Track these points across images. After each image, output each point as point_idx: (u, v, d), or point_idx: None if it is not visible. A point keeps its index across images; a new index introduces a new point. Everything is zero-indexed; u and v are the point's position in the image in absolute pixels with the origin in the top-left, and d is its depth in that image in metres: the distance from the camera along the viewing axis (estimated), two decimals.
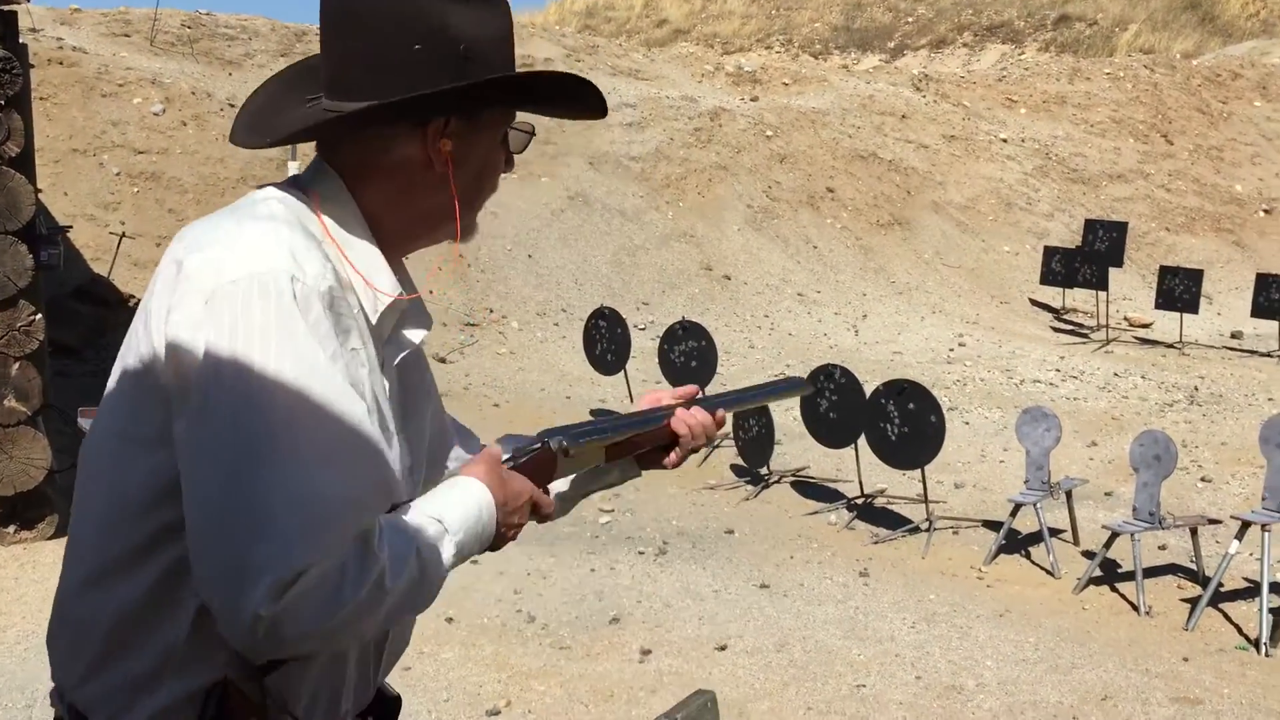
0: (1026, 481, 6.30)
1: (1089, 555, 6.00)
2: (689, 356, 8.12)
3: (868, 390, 6.81)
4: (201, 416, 1.13)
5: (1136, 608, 5.47)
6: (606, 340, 8.55)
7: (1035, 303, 13.85)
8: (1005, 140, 17.21)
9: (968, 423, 8.94)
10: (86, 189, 10.64)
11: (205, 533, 1.13)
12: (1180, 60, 21.39)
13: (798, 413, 7.35)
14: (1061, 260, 13.21)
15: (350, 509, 1.15)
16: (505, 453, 1.42)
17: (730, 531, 6.42)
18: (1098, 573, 5.81)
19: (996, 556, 6.15)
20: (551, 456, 1.44)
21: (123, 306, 9.44)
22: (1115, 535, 5.69)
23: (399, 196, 1.32)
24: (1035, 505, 6.11)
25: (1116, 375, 10.48)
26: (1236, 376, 10.57)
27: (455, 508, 1.30)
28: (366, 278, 1.28)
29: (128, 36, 13.22)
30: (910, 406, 6.43)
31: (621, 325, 8.49)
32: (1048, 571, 5.97)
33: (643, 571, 5.69)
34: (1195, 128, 18.85)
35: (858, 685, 4.49)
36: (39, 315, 5.48)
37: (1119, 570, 5.91)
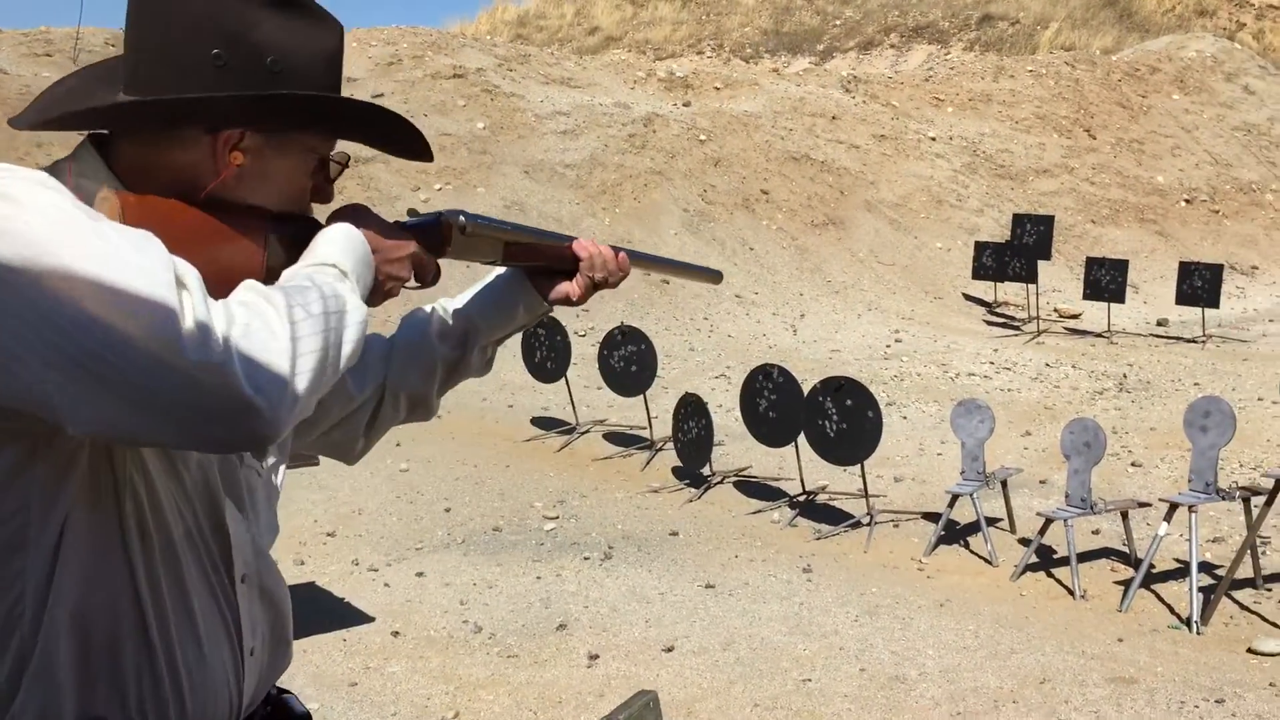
0: (963, 473, 6.42)
1: (1025, 543, 6.13)
2: (629, 361, 8.16)
3: (806, 389, 6.90)
4: None
5: (1072, 592, 5.59)
6: (546, 348, 8.56)
7: (968, 297, 14.09)
8: (934, 139, 17.49)
9: (905, 417, 9.07)
10: None
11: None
12: (1100, 56, 21.88)
13: (738, 413, 7.42)
14: (992, 255, 13.47)
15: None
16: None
17: (675, 533, 6.46)
18: (1034, 559, 5.94)
19: (936, 548, 6.26)
20: (448, 228, 1.41)
21: None
22: (1049, 522, 5.82)
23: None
24: (972, 496, 6.23)
25: (1048, 365, 10.70)
26: (1163, 363, 10.85)
27: (323, 244, 1.24)
28: None
29: (49, 56, 12.99)
30: (848, 403, 6.52)
31: (560, 332, 8.50)
32: (986, 560, 6.08)
33: (588, 577, 5.71)
34: (1117, 121, 19.30)
35: (803, 680, 4.55)
36: None
37: (1054, 556, 6.04)
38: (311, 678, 4.48)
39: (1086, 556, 6.06)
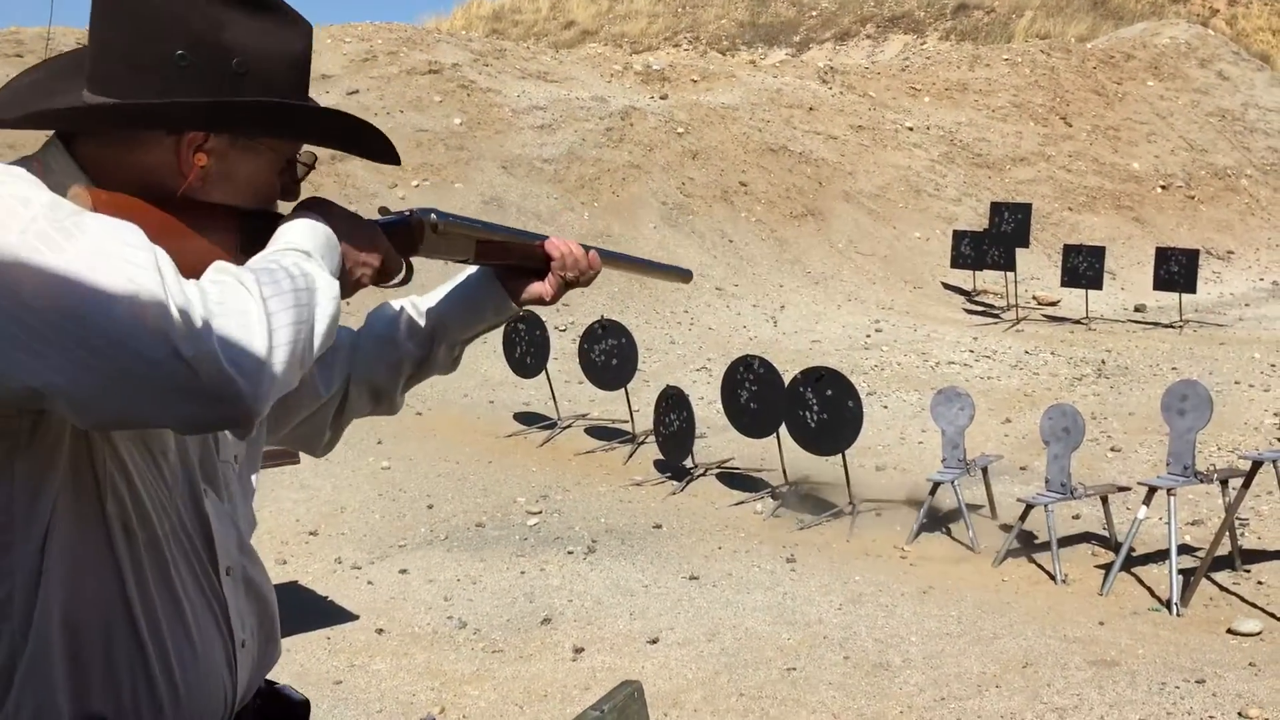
0: (944, 460, 6.45)
1: (1007, 529, 6.16)
2: (609, 355, 8.16)
3: (787, 380, 6.91)
4: None
5: (1053, 576, 5.63)
6: (525, 343, 8.55)
7: (947, 286, 14.14)
8: (911, 129, 17.54)
9: (886, 406, 9.11)
10: None
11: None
12: (1075, 44, 21.97)
13: (719, 405, 7.43)
14: (970, 243, 13.52)
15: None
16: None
17: (658, 526, 6.47)
18: (1015, 545, 5.98)
19: (918, 535, 6.29)
20: (419, 225, 1.41)
21: None
22: (1030, 508, 5.85)
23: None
24: (953, 483, 6.26)
25: (1027, 353, 10.75)
26: (1141, 348, 10.91)
27: (285, 232, 1.23)
28: None
29: (20, 57, 12.86)
30: (828, 393, 6.54)
31: (540, 327, 8.49)
32: (968, 547, 6.11)
33: (572, 571, 5.72)
34: (1092, 109, 19.39)
35: (788, 669, 4.57)
36: None
37: (1035, 541, 6.08)
38: (296, 677, 4.47)
39: (1067, 541, 6.10)
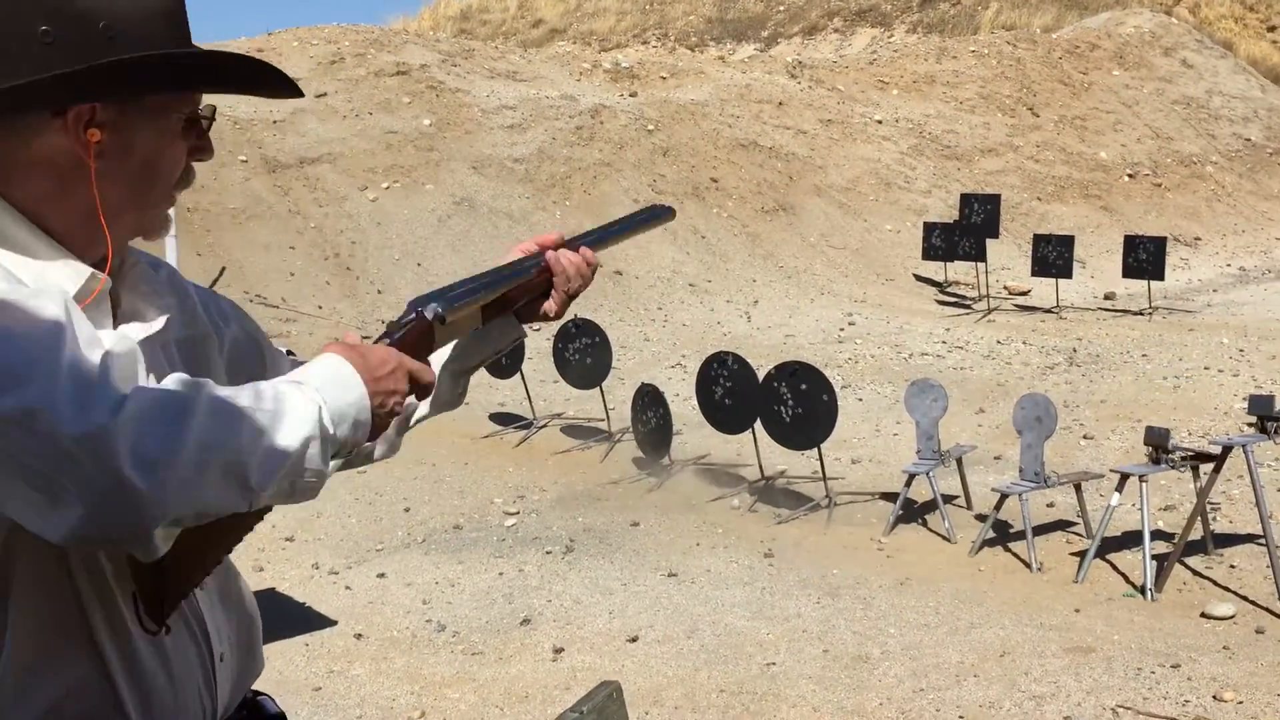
0: (919, 452, 6.48)
1: (982, 519, 6.20)
2: (584, 353, 8.15)
3: (762, 375, 6.93)
4: None
5: (1029, 565, 5.67)
6: None
7: (919, 278, 14.21)
8: (880, 121, 17.61)
9: (861, 399, 9.14)
10: None
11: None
12: (1041, 34, 22.12)
13: (695, 402, 7.44)
14: (941, 235, 13.59)
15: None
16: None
17: (636, 524, 6.47)
18: (990, 534, 6.01)
19: (895, 527, 6.32)
20: (428, 326, 1.36)
21: None
22: (1004, 497, 5.89)
23: (56, 195, 1.16)
24: (928, 474, 6.29)
25: (999, 343, 10.82)
26: (1112, 336, 11.01)
27: (308, 370, 1.18)
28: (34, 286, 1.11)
29: None
30: (802, 387, 6.56)
31: None
32: (944, 537, 6.15)
33: (551, 571, 5.71)
34: (1059, 99, 19.53)
35: (768, 664, 4.58)
36: None
37: (1011, 530, 6.12)
38: (274, 684, 4.44)
39: (1042, 529, 6.15)
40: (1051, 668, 4.45)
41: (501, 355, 1.63)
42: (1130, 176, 18.09)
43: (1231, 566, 5.61)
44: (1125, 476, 5.55)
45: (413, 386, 1.28)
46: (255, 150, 12.69)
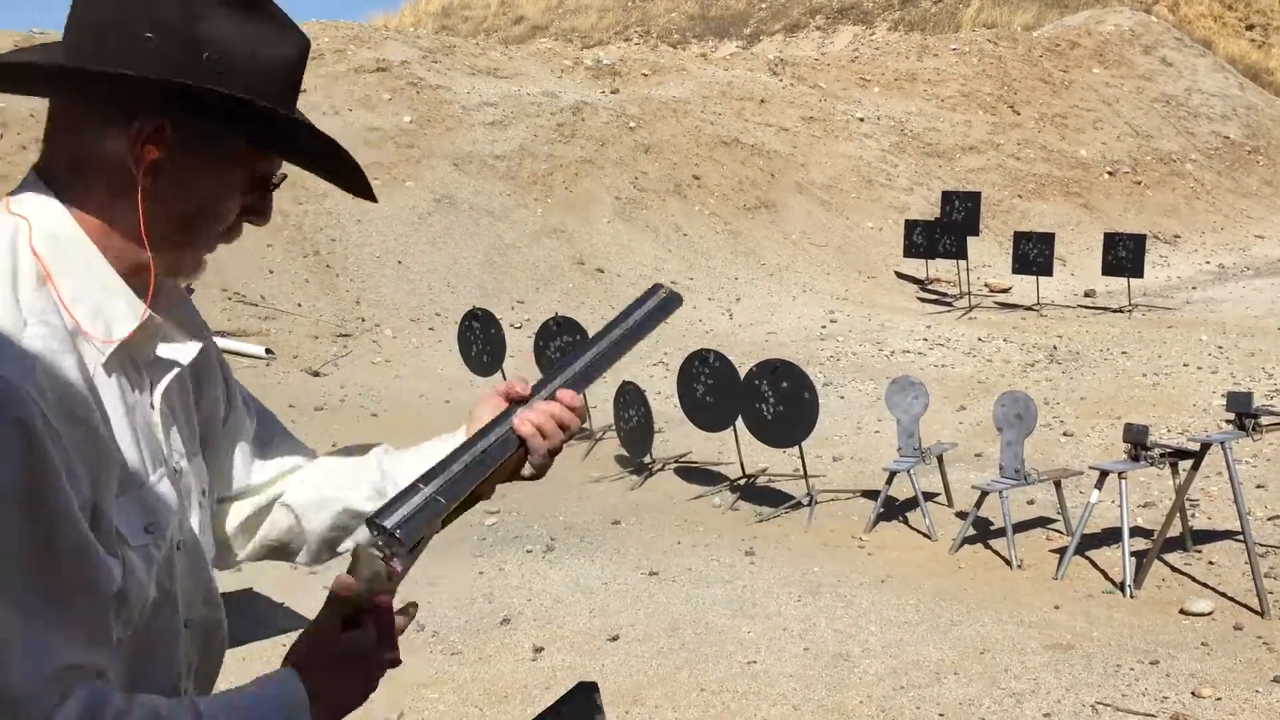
0: (899, 449, 6.48)
1: (963, 516, 6.21)
2: (565, 351, 8.12)
3: (744, 372, 6.92)
4: None
5: (1009, 562, 5.68)
6: (481, 341, 8.50)
7: (901, 275, 14.24)
8: (862, 119, 17.63)
9: (843, 397, 9.15)
10: None
11: None
12: (1021, 33, 22.20)
13: (677, 400, 7.43)
14: (922, 232, 13.61)
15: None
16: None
17: (617, 522, 6.46)
18: (971, 532, 6.02)
19: (876, 524, 6.32)
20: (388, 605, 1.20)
21: None
22: (985, 494, 5.90)
23: (107, 207, 1.13)
24: (909, 472, 6.29)
25: (980, 340, 10.85)
26: (1092, 333, 11.04)
27: (254, 691, 1.12)
28: (82, 324, 1.09)
29: None
30: (784, 385, 6.55)
31: (495, 325, 8.45)
32: (925, 535, 6.15)
33: (531, 569, 5.69)
34: (1040, 97, 19.60)
35: (748, 662, 4.57)
36: None
37: (991, 528, 6.13)
38: None
39: (1022, 526, 6.16)
40: (1031, 665, 4.45)
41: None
42: (1110, 174, 18.17)
43: (1210, 563, 5.63)
44: (1105, 473, 5.56)
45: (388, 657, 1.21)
46: None
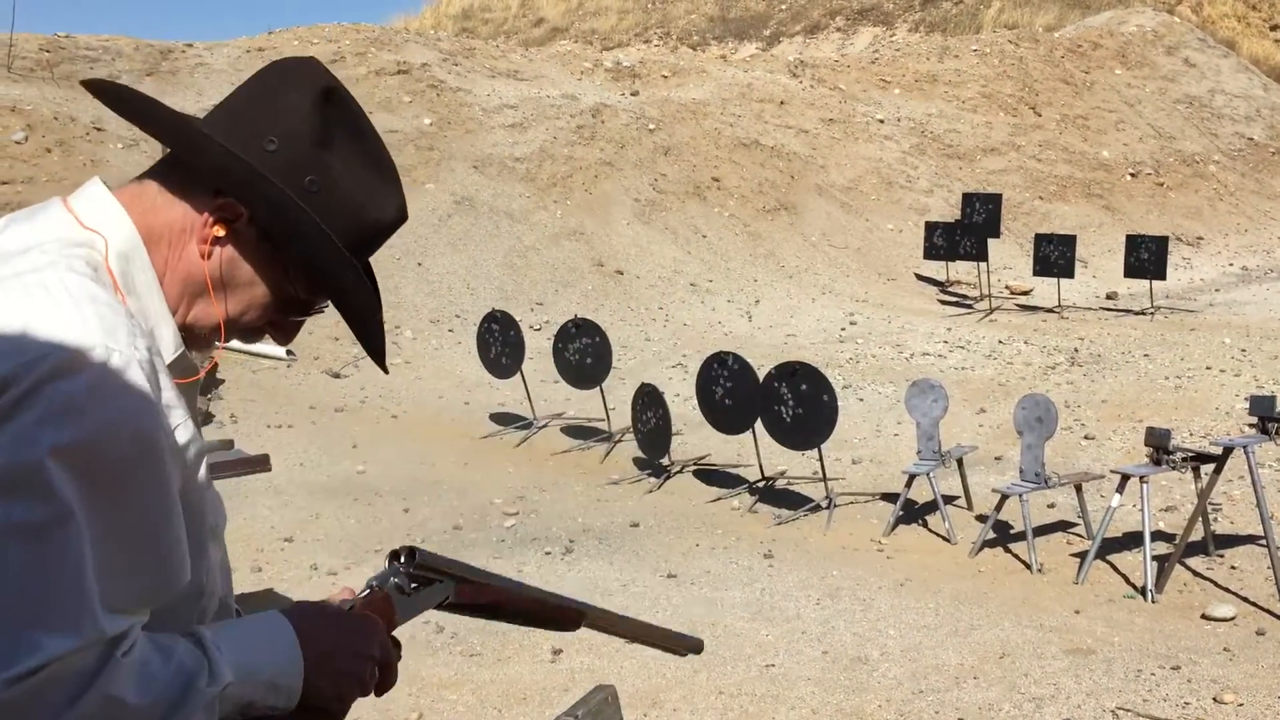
0: (919, 452, 6.46)
1: (983, 519, 6.19)
2: (584, 354, 8.14)
3: (763, 375, 6.91)
4: None
5: (1029, 566, 5.65)
6: (500, 343, 8.53)
7: (921, 277, 14.19)
8: (882, 121, 17.58)
9: (862, 399, 9.13)
10: None
11: None
12: (1043, 33, 22.08)
13: (695, 402, 7.43)
14: (943, 234, 13.57)
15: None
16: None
17: (635, 525, 6.46)
18: (991, 535, 6.00)
19: (895, 528, 6.30)
20: (384, 599, 1.26)
21: None
22: (1005, 498, 5.87)
23: (172, 264, 1.18)
24: (929, 475, 6.27)
25: (1001, 343, 10.80)
26: (1114, 336, 10.98)
27: (236, 626, 1.17)
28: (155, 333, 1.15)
29: None
30: (803, 388, 6.54)
31: (514, 327, 8.47)
32: (944, 538, 6.13)
33: (550, 571, 5.70)
34: (1061, 98, 19.49)
35: (767, 665, 4.57)
36: None
37: (1011, 531, 6.10)
38: None
39: (1043, 530, 6.13)
40: (1051, 669, 4.43)
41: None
42: (1132, 176, 18.06)
43: (1232, 568, 5.59)
44: (1126, 477, 5.53)
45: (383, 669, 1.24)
46: None
